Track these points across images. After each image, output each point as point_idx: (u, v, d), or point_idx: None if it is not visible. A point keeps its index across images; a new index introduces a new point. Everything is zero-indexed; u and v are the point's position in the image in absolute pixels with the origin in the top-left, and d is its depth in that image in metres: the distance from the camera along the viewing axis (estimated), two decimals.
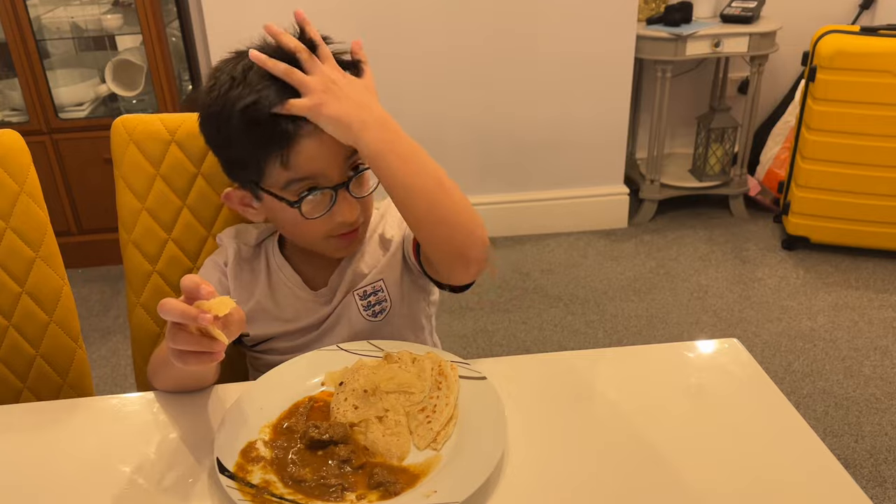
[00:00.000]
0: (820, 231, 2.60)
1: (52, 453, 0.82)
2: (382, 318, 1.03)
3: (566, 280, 2.55)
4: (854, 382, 2.02)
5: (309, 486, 0.73)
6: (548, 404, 0.87)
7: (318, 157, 0.89)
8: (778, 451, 0.79)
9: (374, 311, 1.02)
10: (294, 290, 1.03)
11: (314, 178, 0.91)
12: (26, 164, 1.04)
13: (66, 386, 1.13)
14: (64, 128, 2.50)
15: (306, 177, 0.91)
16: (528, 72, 2.62)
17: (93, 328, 2.35)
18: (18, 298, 1.07)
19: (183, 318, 0.71)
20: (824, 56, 2.37)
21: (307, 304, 1.03)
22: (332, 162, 0.90)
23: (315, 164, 0.90)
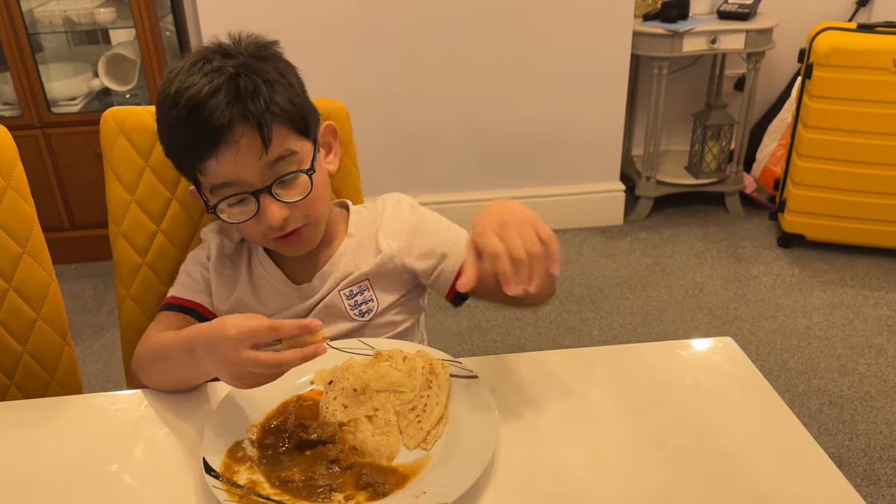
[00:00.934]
0: (815, 229, 2.59)
1: (39, 451, 0.81)
2: (370, 317, 1.02)
3: (561, 277, 2.54)
4: (849, 380, 2.01)
5: (296, 487, 0.72)
6: (540, 403, 0.86)
7: (231, 165, 0.88)
8: (771, 450, 0.78)
9: (361, 310, 1.01)
10: (276, 286, 1.02)
11: (233, 184, 0.90)
12: (13, 159, 1.03)
13: (55, 383, 1.12)
14: (56, 122, 2.48)
15: (225, 183, 0.90)
16: (525, 68, 2.60)
17: (86, 324, 2.34)
18: (5, 294, 1.05)
19: (298, 333, 0.73)
20: (821, 53, 2.37)
21: (289, 299, 1.02)
22: (248, 168, 0.89)
23: (229, 171, 0.89)
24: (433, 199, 2.73)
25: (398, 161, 2.66)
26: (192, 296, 1.01)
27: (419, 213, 1.05)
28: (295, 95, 0.93)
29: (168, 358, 0.87)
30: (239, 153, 0.87)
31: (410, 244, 1.03)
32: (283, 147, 0.90)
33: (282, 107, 0.90)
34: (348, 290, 1.01)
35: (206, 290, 1.02)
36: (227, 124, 0.86)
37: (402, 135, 2.63)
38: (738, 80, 2.99)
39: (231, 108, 0.86)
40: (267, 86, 0.89)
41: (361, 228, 1.05)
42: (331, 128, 1.02)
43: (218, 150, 0.87)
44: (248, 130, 0.87)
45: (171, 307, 1.00)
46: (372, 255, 1.02)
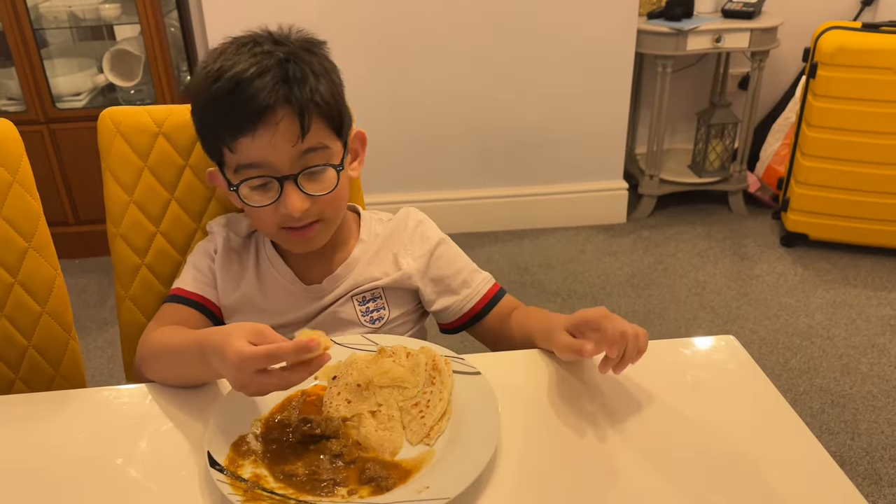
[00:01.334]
0: (819, 228, 2.59)
1: (44, 445, 0.81)
2: (380, 325, 1.03)
3: (564, 275, 2.55)
4: (851, 380, 2.01)
5: (300, 481, 0.72)
6: (542, 400, 0.86)
7: (265, 146, 0.89)
8: (773, 449, 0.79)
9: (373, 317, 1.02)
10: (284, 284, 1.02)
11: (260, 166, 0.91)
12: (19, 154, 1.04)
13: (59, 377, 1.12)
14: (61, 118, 2.48)
15: (252, 163, 0.91)
16: (529, 65, 2.60)
17: (89, 319, 2.35)
18: (11, 289, 1.06)
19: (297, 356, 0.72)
20: (826, 52, 2.36)
21: (297, 298, 1.02)
22: (279, 152, 0.89)
23: (259, 153, 0.89)
24: (435, 196, 2.73)
25: (400, 159, 2.66)
26: (198, 289, 1.01)
27: (441, 238, 1.07)
28: (336, 93, 0.94)
29: (177, 356, 0.87)
30: (276, 136, 0.88)
31: (427, 267, 1.04)
32: (318, 139, 0.91)
33: (324, 99, 0.91)
34: (361, 297, 1.02)
35: (213, 283, 1.03)
36: (270, 105, 0.87)
37: (404, 132, 2.63)
38: (742, 79, 2.99)
39: (277, 91, 0.87)
40: (313, 76, 0.90)
41: (376, 237, 1.05)
42: (360, 135, 1.03)
43: (256, 128, 0.88)
44: (289, 114, 0.88)
45: (177, 299, 1.01)
46: (390, 269, 1.03)
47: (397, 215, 1.08)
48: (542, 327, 0.94)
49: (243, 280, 1.03)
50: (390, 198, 2.63)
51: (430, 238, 1.06)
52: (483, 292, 1.05)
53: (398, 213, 1.08)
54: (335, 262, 1.03)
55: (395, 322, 1.04)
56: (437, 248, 1.05)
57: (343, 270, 1.03)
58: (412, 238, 1.05)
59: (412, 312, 1.07)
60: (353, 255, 1.03)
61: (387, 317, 1.03)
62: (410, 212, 1.08)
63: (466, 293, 1.04)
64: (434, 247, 1.05)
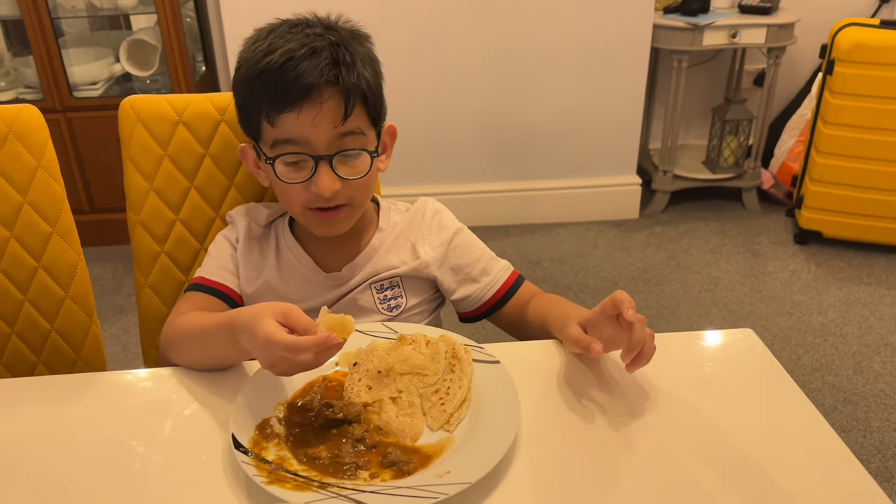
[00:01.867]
0: (833, 226, 2.58)
1: (66, 427, 0.82)
2: (397, 313, 1.04)
3: (576, 269, 2.55)
4: (863, 378, 2.01)
5: (323, 464, 0.73)
6: (561, 390, 0.87)
7: (304, 123, 0.90)
8: (791, 442, 0.79)
9: (390, 305, 1.03)
10: (303, 272, 1.03)
11: (297, 143, 0.92)
12: (44, 139, 1.05)
13: (80, 361, 1.13)
14: (78, 106, 2.50)
15: (290, 139, 0.92)
16: (543, 58, 2.60)
17: (105, 307, 2.36)
18: (34, 273, 1.07)
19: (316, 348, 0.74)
20: (843, 49, 2.35)
21: (316, 286, 1.03)
22: (319, 132, 0.91)
23: (300, 130, 0.91)
24: (447, 189, 2.74)
25: (412, 152, 2.67)
26: (221, 278, 1.02)
27: (458, 227, 1.08)
28: (378, 83, 0.96)
29: (206, 338, 0.88)
30: (320, 114, 0.90)
31: (444, 256, 1.05)
32: (357, 124, 0.93)
33: (369, 86, 0.93)
34: (379, 285, 1.03)
35: (235, 271, 1.04)
36: (318, 84, 0.89)
37: (417, 126, 2.63)
38: (757, 75, 2.98)
39: (327, 71, 0.89)
40: (361, 63, 0.92)
41: (394, 226, 1.06)
42: (392, 129, 1.03)
43: (303, 106, 0.89)
44: (335, 96, 0.90)
45: (199, 287, 1.02)
46: (408, 257, 1.04)
47: (415, 205, 1.09)
48: (558, 317, 0.94)
49: (264, 268, 1.04)
50: (402, 191, 2.63)
51: (447, 227, 1.07)
52: (503, 280, 1.06)
53: (416, 203, 1.09)
54: (354, 250, 1.04)
55: (412, 310, 1.05)
56: (455, 238, 1.06)
57: (362, 259, 1.03)
58: (430, 227, 1.06)
59: (429, 301, 1.08)
60: (372, 243, 1.04)
61: (404, 305, 1.04)
62: (428, 202, 1.09)
63: (486, 281, 1.05)
64: (452, 236, 1.06)
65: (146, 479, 0.74)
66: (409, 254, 1.05)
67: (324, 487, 0.70)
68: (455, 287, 1.06)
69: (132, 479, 0.75)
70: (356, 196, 0.97)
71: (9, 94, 2.55)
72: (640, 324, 0.80)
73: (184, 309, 0.98)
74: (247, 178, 1.15)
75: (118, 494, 0.73)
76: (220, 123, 1.13)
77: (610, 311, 0.83)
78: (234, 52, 2.86)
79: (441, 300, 1.11)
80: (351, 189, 0.95)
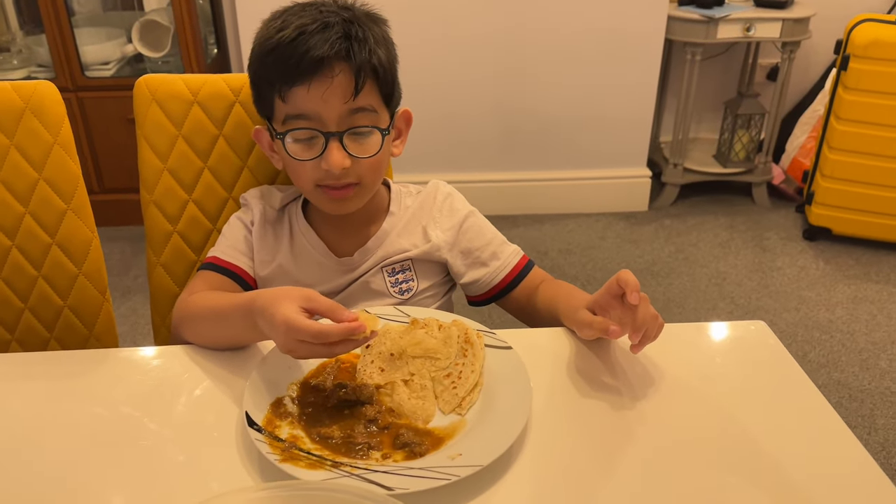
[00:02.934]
0: (842, 223, 2.57)
1: (78, 403, 0.83)
2: (408, 296, 1.04)
3: (584, 261, 2.55)
4: (870, 375, 2.01)
5: (336, 444, 0.74)
6: (572, 376, 0.87)
7: (318, 98, 0.90)
8: (802, 434, 0.79)
9: (402, 288, 1.04)
10: (316, 256, 1.04)
11: (308, 118, 0.92)
12: (61, 116, 1.05)
13: (93, 338, 1.14)
14: (90, 86, 2.50)
15: (300, 114, 0.92)
16: (555, 48, 2.59)
17: (113, 287, 2.37)
18: (49, 249, 1.08)
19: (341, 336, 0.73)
20: (858, 45, 2.33)
21: (329, 270, 1.03)
22: (329, 107, 0.91)
23: (310, 104, 0.91)
24: (457, 178, 2.73)
25: (423, 140, 2.66)
26: (235, 259, 1.03)
27: (469, 210, 1.08)
28: (392, 63, 0.96)
29: (222, 317, 0.88)
30: (330, 89, 0.89)
31: (455, 239, 1.05)
32: (369, 101, 0.93)
33: (381, 63, 0.93)
34: (391, 268, 1.04)
35: (249, 253, 1.04)
36: (329, 57, 0.89)
37: (428, 114, 2.63)
38: (771, 70, 2.96)
39: (338, 45, 0.89)
40: (374, 40, 0.92)
41: (406, 209, 1.06)
42: (407, 114, 1.03)
43: (312, 79, 0.89)
44: (345, 70, 0.90)
45: (212, 267, 1.02)
46: (419, 240, 1.05)
47: (426, 188, 1.09)
48: (567, 305, 0.94)
49: (278, 252, 1.04)
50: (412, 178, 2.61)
51: (458, 210, 1.07)
52: (512, 264, 1.06)
53: (427, 186, 1.09)
54: (366, 234, 1.04)
55: (423, 294, 1.05)
56: (466, 221, 1.06)
57: (374, 243, 1.04)
58: (441, 210, 1.06)
59: (440, 285, 1.08)
60: (384, 227, 1.04)
61: (415, 288, 1.04)
62: (440, 185, 1.09)
63: (496, 265, 1.05)
64: (463, 219, 1.06)
65: (158, 456, 0.75)
66: (420, 237, 1.05)
67: (336, 467, 0.70)
68: (464, 270, 1.06)
69: (144, 456, 0.75)
70: (366, 175, 0.97)
71: (21, 73, 2.55)
72: (644, 302, 0.80)
73: (197, 287, 0.98)
74: (260, 160, 1.15)
75: (130, 470, 0.73)
76: (234, 104, 1.13)
77: (615, 291, 0.82)
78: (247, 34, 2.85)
79: (452, 284, 1.11)
80: (361, 168, 0.95)
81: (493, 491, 0.70)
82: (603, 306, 0.86)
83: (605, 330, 0.83)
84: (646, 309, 0.81)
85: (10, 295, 1.09)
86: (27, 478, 0.73)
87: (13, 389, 0.86)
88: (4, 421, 0.80)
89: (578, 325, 0.88)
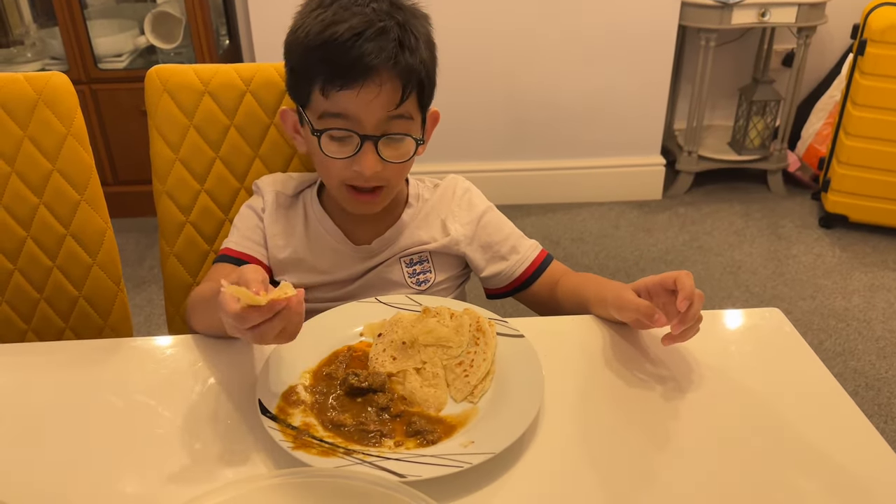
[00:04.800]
0: (859, 210, 2.54)
1: (93, 392, 0.84)
2: (425, 288, 1.04)
3: (597, 250, 2.54)
4: (887, 364, 1.99)
5: (348, 431, 0.74)
6: (585, 365, 0.87)
7: (364, 103, 0.89)
8: (818, 421, 0.78)
9: (419, 279, 1.04)
10: (333, 244, 1.04)
11: (347, 119, 0.91)
12: (73, 107, 1.05)
13: (107, 328, 1.15)
14: (103, 78, 2.51)
15: (340, 114, 0.91)
16: (568, 36, 2.57)
17: (127, 278, 2.37)
18: (63, 240, 1.08)
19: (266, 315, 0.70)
20: (875, 29, 2.30)
21: (345, 257, 1.03)
22: (373, 112, 0.90)
23: (351, 105, 0.89)
24: (468, 167, 2.73)
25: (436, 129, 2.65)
26: (246, 248, 1.03)
27: (488, 206, 1.08)
28: (434, 68, 0.95)
29: (210, 307, 0.87)
30: (378, 96, 0.89)
31: (474, 234, 1.06)
32: (408, 108, 0.92)
33: (427, 71, 0.92)
34: (408, 259, 1.04)
35: (261, 241, 1.04)
36: (381, 67, 0.88)
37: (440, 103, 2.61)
38: (786, 56, 2.92)
39: (393, 55, 0.88)
40: (424, 47, 0.91)
41: (425, 202, 1.07)
42: (435, 114, 1.02)
43: (363, 86, 0.88)
44: (393, 79, 0.89)
45: (225, 258, 1.03)
46: (438, 234, 1.05)
47: (444, 183, 1.09)
48: (599, 291, 0.94)
49: (293, 238, 1.04)
50: (424, 167, 2.61)
51: (476, 206, 1.07)
52: (532, 258, 1.06)
53: (445, 181, 1.09)
54: (385, 224, 1.04)
55: (439, 286, 1.06)
56: (485, 216, 1.07)
57: (392, 233, 1.04)
58: (460, 205, 1.07)
59: (456, 278, 1.09)
60: (403, 218, 1.05)
61: (432, 280, 1.05)
62: (458, 180, 1.10)
63: (516, 259, 1.06)
64: (481, 214, 1.07)
65: (172, 444, 0.75)
66: (439, 230, 1.05)
67: (349, 454, 0.70)
68: (484, 265, 1.06)
69: (158, 444, 0.76)
70: (393, 178, 0.97)
71: (35, 66, 2.56)
72: (699, 300, 0.81)
73: (210, 279, 0.99)
74: (272, 150, 1.16)
75: (144, 458, 0.74)
76: (245, 94, 1.13)
77: (669, 285, 0.83)
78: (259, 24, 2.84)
79: (466, 276, 1.11)
80: (389, 171, 0.95)
81: (506, 478, 0.70)
82: (651, 293, 0.85)
83: (649, 315, 0.83)
84: (698, 308, 0.81)
85: (25, 285, 1.10)
86: (42, 466, 0.73)
87: (29, 379, 0.86)
88: (21, 409, 0.81)
89: (623, 305, 0.87)
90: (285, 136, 1.14)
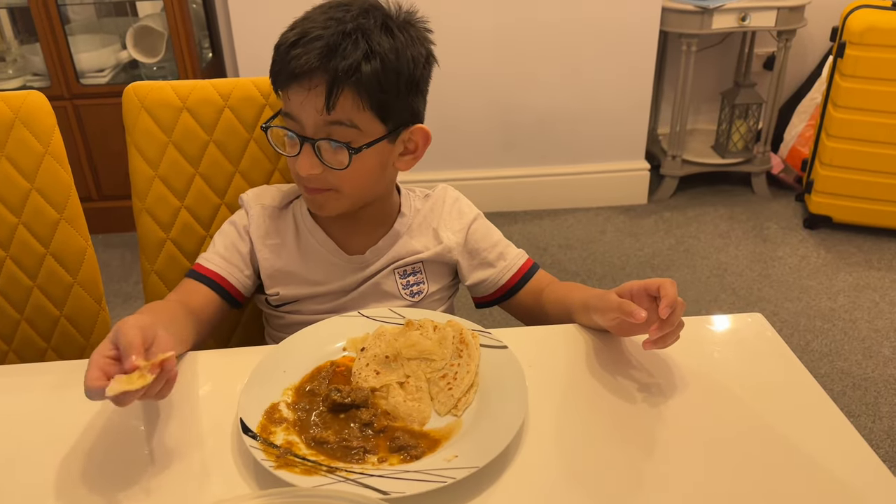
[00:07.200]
0: (843, 210, 2.56)
1: (75, 412, 0.82)
2: (419, 299, 1.05)
3: (584, 256, 2.54)
4: (873, 363, 2.00)
5: (331, 448, 0.73)
6: (569, 374, 0.86)
7: (298, 104, 0.92)
8: (801, 426, 0.79)
9: (412, 290, 1.05)
10: (325, 254, 1.03)
11: (293, 120, 0.95)
12: (51, 126, 1.05)
13: (90, 347, 1.14)
14: (85, 93, 2.50)
15: (289, 114, 0.95)
16: (550, 43, 2.58)
17: (113, 293, 2.37)
18: (43, 259, 1.08)
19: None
20: (854, 32, 2.32)
21: (338, 268, 1.03)
22: (306, 114, 0.93)
23: (293, 107, 0.94)
24: (455, 175, 2.73)
25: None
26: (216, 266, 1.02)
27: (476, 213, 1.10)
28: (393, 82, 0.92)
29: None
30: (306, 99, 0.91)
31: (464, 241, 1.07)
32: (348, 116, 0.91)
33: (367, 80, 0.89)
34: (402, 271, 1.04)
35: (236, 261, 1.03)
36: (307, 70, 0.90)
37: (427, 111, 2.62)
38: (767, 59, 2.95)
39: (318, 59, 0.89)
40: (367, 56, 0.89)
41: (417, 212, 1.07)
42: (424, 133, 1.00)
43: (292, 87, 0.93)
44: (321, 84, 0.90)
45: (194, 274, 1.02)
46: (431, 243, 1.06)
47: (435, 192, 1.10)
48: (582, 298, 0.94)
49: (284, 250, 1.04)
50: (409, 176, 2.62)
51: (466, 213, 1.09)
52: (518, 266, 1.07)
53: (435, 190, 1.10)
54: (378, 234, 1.04)
55: (433, 297, 1.07)
56: (474, 223, 1.08)
57: (385, 243, 1.04)
58: (450, 213, 1.08)
59: (448, 288, 1.10)
60: (395, 228, 1.05)
61: (426, 291, 1.05)
62: (448, 189, 1.11)
63: (502, 266, 1.06)
64: (471, 221, 1.08)
65: (154, 464, 0.75)
66: (431, 239, 1.06)
67: (332, 472, 0.70)
68: (471, 271, 1.07)
69: (140, 464, 0.75)
70: (344, 185, 0.96)
71: (16, 82, 2.55)
72: (680, 307, 0.82)
73: (172, 296, 0.99)
74: (252, 165, 1.15)
75: (125, 479, 0.73)
76: (224, 109, 1.12)
77: (652, 291, 0.83)
78: (241, 38, 2.83)
79: (456, 288, 1.12)
80: (336, 178, 0.95)
81: (490, 492, 0.70)
82: (635, 298, 0.85)
83: (629, 313, 0.81)
84: (678, 315, 0.82)
85: (5, 306, 1.09)
86: (24, 489, 0.73)
87: (10, 401, 0.85)
88: (2, 431, 0.80)
89: (606, 307, 0.87)
90: (265, 150, 1.14)
